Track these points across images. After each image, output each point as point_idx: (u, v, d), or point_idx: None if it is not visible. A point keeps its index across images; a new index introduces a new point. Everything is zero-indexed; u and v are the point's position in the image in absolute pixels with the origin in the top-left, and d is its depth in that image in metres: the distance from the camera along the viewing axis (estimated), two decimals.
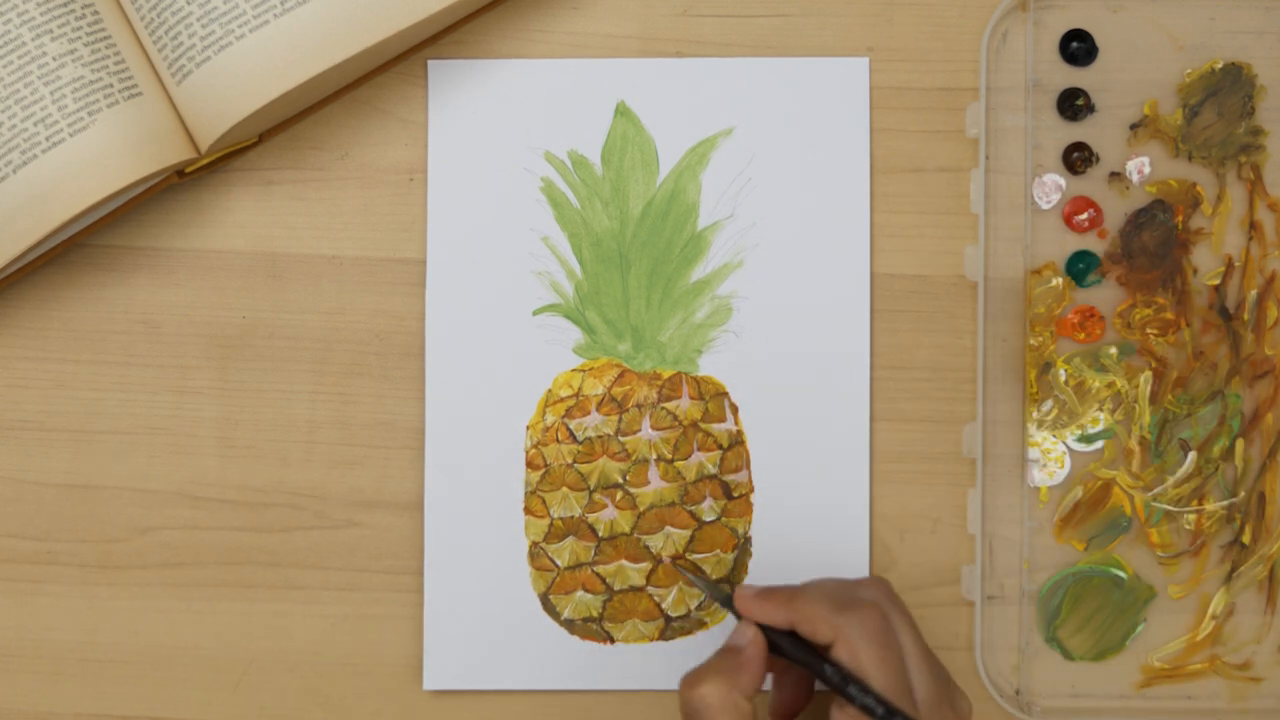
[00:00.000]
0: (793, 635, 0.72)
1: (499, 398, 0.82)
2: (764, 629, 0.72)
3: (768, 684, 0.77)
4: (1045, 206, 0.82)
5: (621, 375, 0.83)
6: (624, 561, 0.82)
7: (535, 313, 0.83)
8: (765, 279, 0.82)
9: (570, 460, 0.82)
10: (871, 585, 0.73)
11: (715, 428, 0.82)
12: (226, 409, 0.83)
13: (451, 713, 0.83)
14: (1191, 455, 0.82)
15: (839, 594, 0.72)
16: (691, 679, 0.71)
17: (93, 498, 0.83)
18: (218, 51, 0.77)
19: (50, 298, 0.83)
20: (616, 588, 0.82)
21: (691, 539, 0.82)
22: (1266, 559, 0.82)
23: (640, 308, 0.82)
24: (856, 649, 0.69)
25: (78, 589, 0.83)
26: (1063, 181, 0.82)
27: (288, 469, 0.83)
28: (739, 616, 0.74)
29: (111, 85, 0.77)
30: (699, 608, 0.83)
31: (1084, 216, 0.82)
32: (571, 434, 0.82)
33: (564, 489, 0.82)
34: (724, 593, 0.75)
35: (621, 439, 0.82)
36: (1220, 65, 0.82)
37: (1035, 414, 0.82)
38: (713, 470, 0.82)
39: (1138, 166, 0.82)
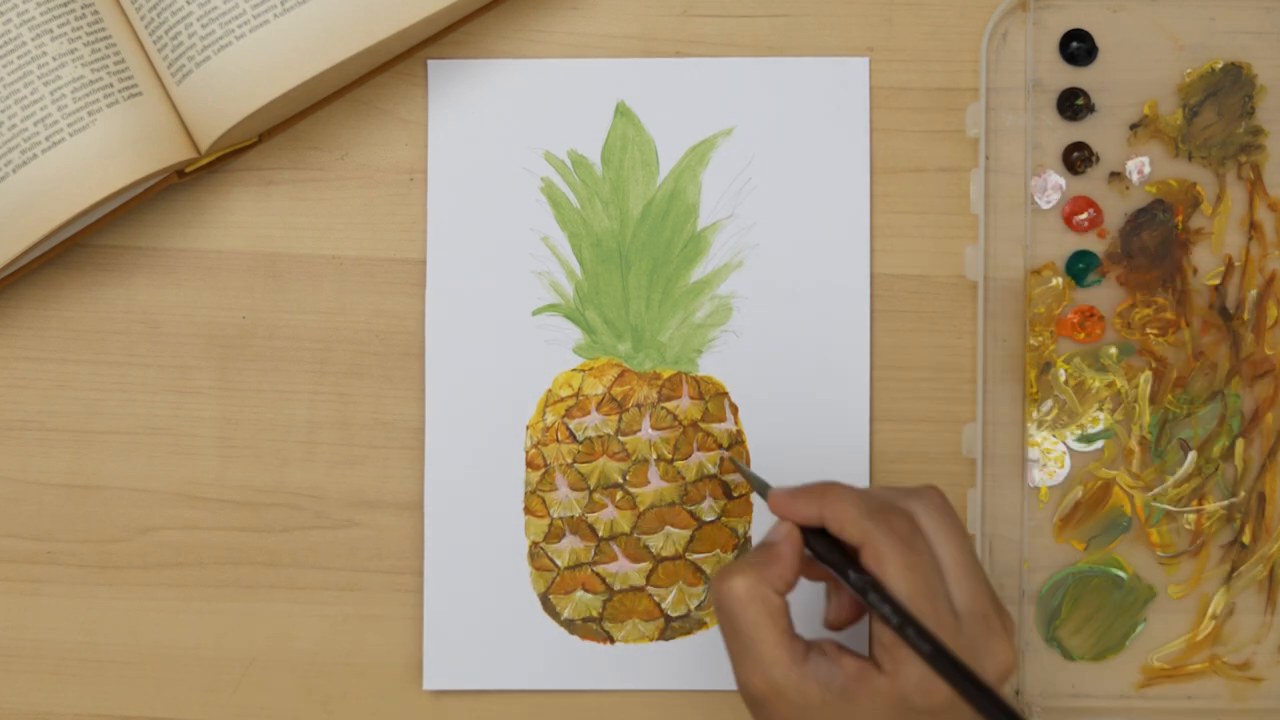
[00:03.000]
0: (826, 537, 0.70)
1: (499, 398, 0.82)
2: (803, 530, 0.70)
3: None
4: (1045, 206, 0.82)
5: (621, 375, 0.83)
6: (624, 561, 0.82)
7: (535, 313, 0.83)
8: (765, 279, 0.82)
9: (570, 460, 0.82)
10: (920, 493, 0.71)
11: (715, 428, 0.82)
12: (226, 409, 0.83)
13: (451, 713, 0.83)
14: (1191, 455, 0.82)
15: (879, 499, 0.70)
16: (722, 573, 0.70)
17: (93, 498, 0.83)
18: (218, 51, 0.77)
19: (50, 298, 0.83)
20: (616, 588, 0.82)
21: (691, 539, 0.82)
22: (1266, 559, 0.82)
23: (640, 308, 0.82)
24: (882, 555, 0.68)
25: (78, 589, 0.83)
26: (1063, 181, 0.82)
27: (288, 469, 0.83)
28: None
29: (111, 85, 0.77)
30: (699, 607, 0.83)
31: (1084, 216, 0.82)
32: (571, 434, 0.82)
33: (564, 489, 0.82)
34: (765, 488, 0.73)
35: (621, 439, 0.82)
36: (1220, 65, 0.82)
37: (1035, 414, 0.82)
38: (713, 470, 0.82)
39: (1138, 166, 0.82)
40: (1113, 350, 0.82)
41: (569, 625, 0.82)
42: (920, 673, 0.67)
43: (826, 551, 0.70)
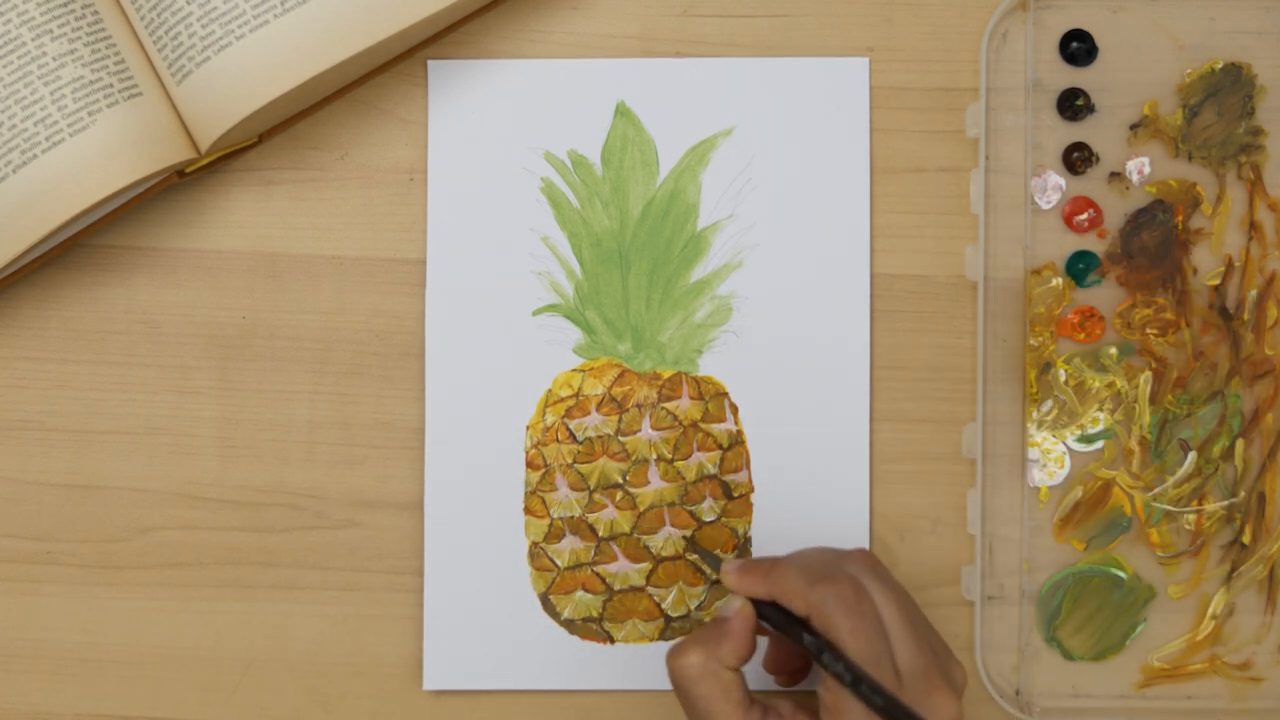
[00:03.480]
0: (777, 605, 0.73)
1: (499, 398, 0.82)
2: (755, 601, 0.74)
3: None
4: (1045, 206, 0.82)
5: (621, 375, 0.83)
6: (624, 561, 0.82)
7: (535, 313, 0.83)
8: (765, 279, 0.82)
9: (570, 460, 0.82)
10: (854, 558, 0.74)
11: (715, 428, 0.82)
12: (226, 409, 0.83)
13: (451, 713, 0.83)
14: (1191, 455, 0.82)
15: (819, 566, 0.73)
16: (676, 648, 0.73)
17: (93, 498, 0.83)
18: (218, 51, 0.77)
19: (50, 298, 0.83)
20: (616, 588, 0.82)
21: (692, 539, 0.82)
22: (1266, 559, 0.82)
23: (640, 308, 0.82)
24: (829, 620, 0.71)
25: (78, 589, 0.83)
26: (1063, 181, 0.82)
27: (288, 469, 0.83)
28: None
29: (111, 85, 0.77)
30: (699, 608, 0.83)
31: (1084, 216, 0.82)
32: (571, 434, 0.82)
33: (564, 489, 0.82)
34: (717, 563, 0.77)
35: (621, 439, 0.82)
36: (1220, 65, 0.82)
37: (1035, 414, 0.82)
38: (713, 470, 0.82)
39: (1138, 166, 0.82)
40: (1113, 350, 0.82)
41: (569, 625, 0.82)
42: None
43: (779, 620, 0.73)
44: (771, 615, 0.73)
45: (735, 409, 0.82)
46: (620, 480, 0.82)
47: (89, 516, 0.83)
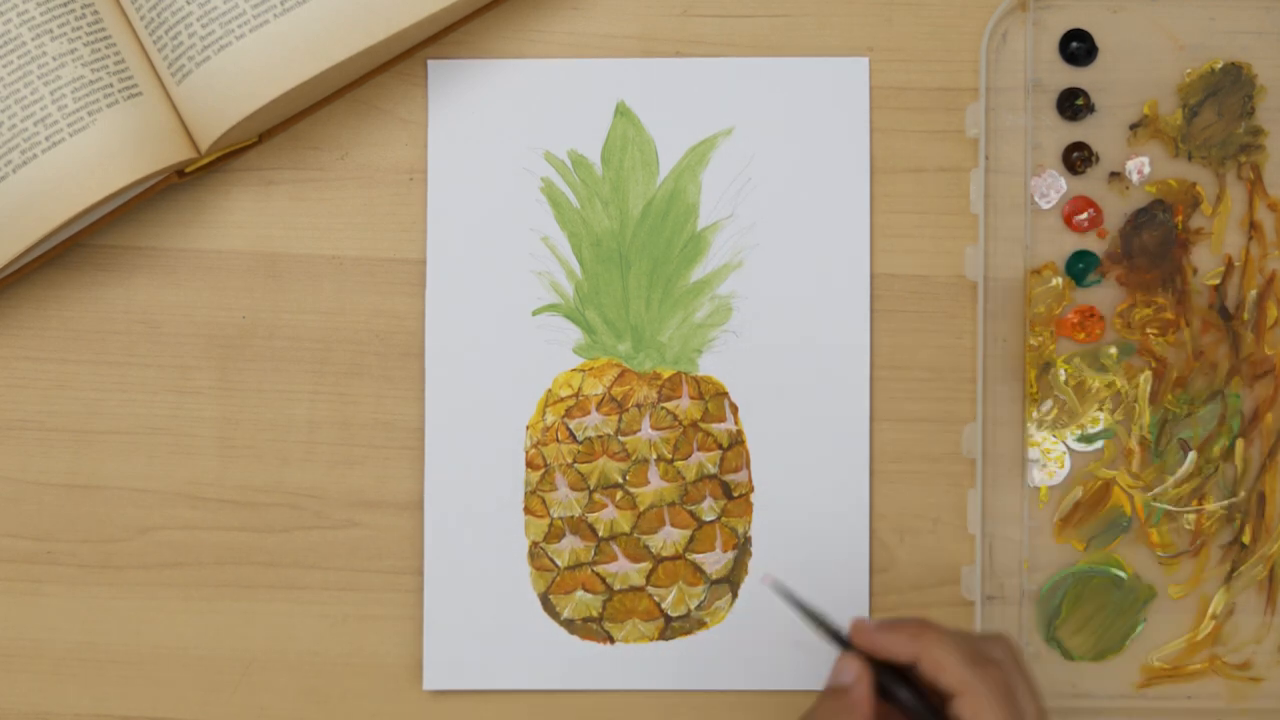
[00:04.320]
0: (899, 674, 0.69)
1: (499, 398, 0.82)
2: (875, 669, 0.69)
3: None
4: (1045, 206, 0.82)
5: (621, 375, 0.83)
6: (624, 561, 0.82)
7: (535, 313, 0.83)
8: (765, 279, 0.82)
9: (570, 460, 0.82)
10: (1000, 644, 0.70)
11: (715, 428, 0.82)
12: (226, 409, 0.83)
13: (451, 713, 0.83)
14: (1191, 455, 0.82)
15: (969, 646, 0.69)
16: None
17: (93, 498, 0.83)
18: (218, 51, 0.77)
19: (50, 298, 0.83)
20: (616, 588, 0.82)
21: (691, 539, 0.82)
22: (1266, 559, 0.82)
23: (640, 308, 0.82)
24: (982, 709, 0.67)
25: (78, 589, 0.83)
26: (1063, 181, 0.82)
27: (288, 469, 0.83)
28: (844, 647, 0.70)
29: (111, 85, 0.77)
30: (699, 608, 0.83)
31: (1084, 216, 0.82)
32: (571, 434, 0.82)
33: (564, 489, 0.82)
34: (832, 627, 0.71)
35: (621, 439, 0.82)
36: (1220, 65, 0.82)
37: (1035, 414, 0.82)
38: (713, 470, 0.82)
39: (1138, 166, 0.82)
40: (1113, 350, 0.82)
41: (569, 625, 0.82)
42: None
43: (909, 697, 0.68)
44: (900, 692, 0.68)
45: (735, 409, 0.83)
46: (620, 480, 0.82)
47: (89, 516, 0.83)
